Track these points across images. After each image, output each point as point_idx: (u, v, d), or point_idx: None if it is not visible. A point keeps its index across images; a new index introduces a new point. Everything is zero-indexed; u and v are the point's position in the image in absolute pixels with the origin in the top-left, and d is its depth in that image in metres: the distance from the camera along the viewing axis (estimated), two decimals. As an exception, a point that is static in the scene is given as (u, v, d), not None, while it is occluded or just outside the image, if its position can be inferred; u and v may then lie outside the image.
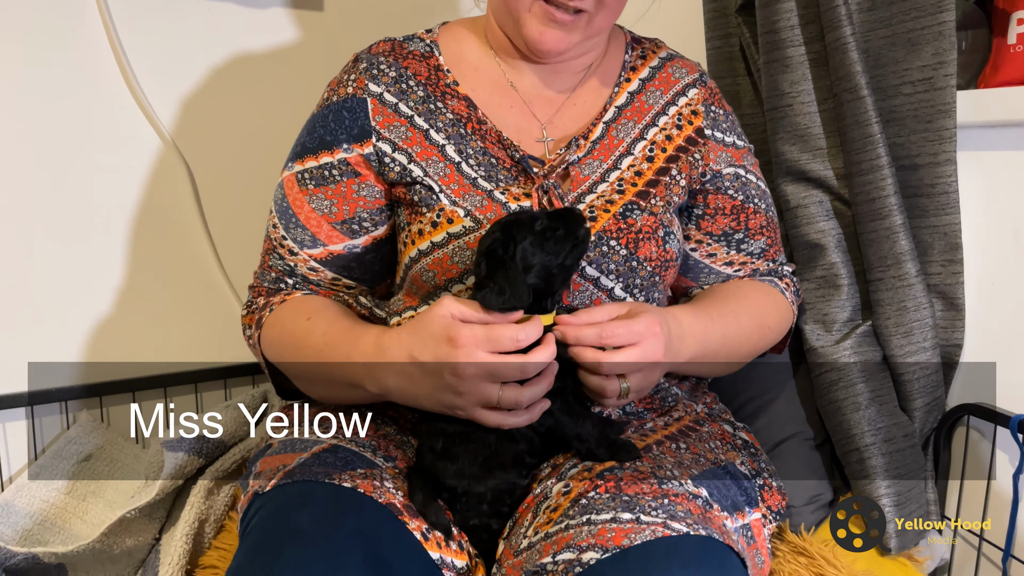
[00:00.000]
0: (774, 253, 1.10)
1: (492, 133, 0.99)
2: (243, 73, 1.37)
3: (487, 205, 0.96)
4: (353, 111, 0.99)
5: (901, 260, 1.12)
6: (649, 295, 0.99)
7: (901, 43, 1.11)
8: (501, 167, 0.98)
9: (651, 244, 0.97)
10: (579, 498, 0.80)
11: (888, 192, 1.11)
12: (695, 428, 0.99)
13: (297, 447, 0.89)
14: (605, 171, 1.00)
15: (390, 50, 1.03)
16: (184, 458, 1.11)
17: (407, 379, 0.84)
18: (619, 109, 1.04)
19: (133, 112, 1.30)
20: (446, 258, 0.94)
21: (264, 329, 1.01)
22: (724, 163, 1.06)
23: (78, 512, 1.24)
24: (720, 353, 0.99)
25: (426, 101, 1.00)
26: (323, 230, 1.01)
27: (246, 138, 1.38)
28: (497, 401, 0.81)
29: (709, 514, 0.81)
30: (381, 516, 0.78)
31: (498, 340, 0.80)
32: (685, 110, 1.05)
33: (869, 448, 1.11)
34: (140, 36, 1.29)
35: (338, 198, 1.00)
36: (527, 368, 0.81)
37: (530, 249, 0.83)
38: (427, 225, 0.96)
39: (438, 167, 0.98)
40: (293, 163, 1.03)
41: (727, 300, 1.03)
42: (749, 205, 1.07)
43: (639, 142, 1.03)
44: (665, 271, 1.00)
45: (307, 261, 1.03)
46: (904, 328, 1.13)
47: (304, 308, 0.99)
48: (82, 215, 1.28)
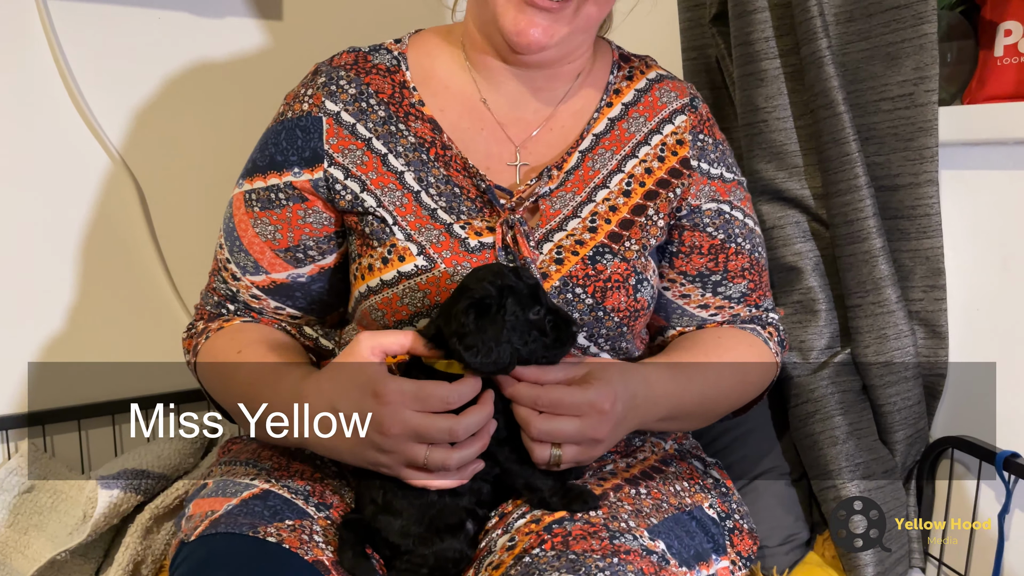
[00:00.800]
0: (757, 298, 1.01)
1: (457, 160, 0.92)
2: (196, 86, 1.31)
3: (444, 241, 0.89)
4: (307, 131, 0.93)
5: (881, 285, 1.06)
6: (615, 344, 0.93)
7: (880, 57, 1.05)
8: (465, 197, 0.91)
9: (620, 294, 0.90)
10: (523, 555, 0.74)
11: (867, 214, 1.05)
12: (661, 468, 0.93)
13: (228, 490, 0.84)
14: (578, 205, 0.92)
15: (352, 63, 0.96)
16: (119, 496, 1.05)
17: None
18: (597, 137, 0.96)
19: (78, 127, 1.24)
20: (395, 299, 0.88)
21: (199, 357, 0.96)
22: (705, 198, 0.97)
23: (19, 546, 1.18)
24: (695, 413, 0.93)
25: (387, 122, 0.93)
26: (266, 257, 0.95)
27: (199, 154, 1.32)
28: (424, 462, 0.76)
29: (664, 572, 0.75)
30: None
31: (426, 401, 0.75)
32: (670, 139, 0.96)
33: (847, 485, 1.05)
34: (85, 47, 1.23)
35: (283, 224, 0.94)
36: (456, 432, 0.75)
37: (516, 324, 0.77)
38: (377, 261, 0.90)
39: (394, 196, 0.91)
40: (243, 181, 0.96)
41: (707, 354, 0.94)
42: (730, 245, 0.98)
43: (616, 175, 0.94)
44: (634, 321, 0.93)
45: (249, 288, 0.97)
46: (884, 357, 1.08)
47: (237, 340, 0.93)
48: (25, 236, 1.23)
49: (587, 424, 0.78)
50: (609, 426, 0.79)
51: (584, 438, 0.78)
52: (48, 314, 1.26)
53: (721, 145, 1.00)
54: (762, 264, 1.01)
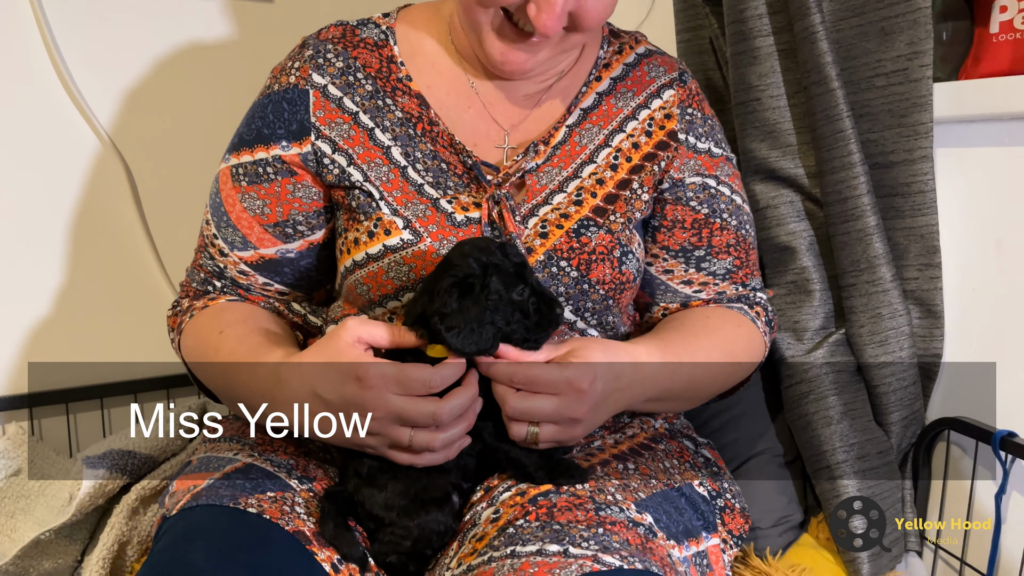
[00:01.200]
0: (744, 276, 0.99)
1: (444, 136, 0.91)
2: (186, 66, 1.30)
3: (430, 215, 0.88)
4: (293, 103, 0.92)
5: (875, 264, 1.05)
6: (602, 318, 0.92)
7: (874, 33, 1.04)
8: (452, 173, 0.90)
9: (605, 266, 0.89)
10: (507, 526, 0.73)
11: (861, 191, 1.04)
12: (650, 446, 0.92)
13: (211, 466, 0.83)
14: (564, 180, 0.91)
15: (340, 36, 0.94)
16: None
17: (309, 416, 0.77)
18: (584, 112, 0.95)
19: (67, 108, 1.23)
20: (381, 272, 0.87)
21: (183, 336, 0.94)
22: (689, 171, 0.95)
23: (5, 530, 1.16)
24: (683, 395, 0.91)
25: (374, 96, 0.92)
26: (254, 232, 0.94)
27: (189, 135, 1.32)
28: (409, 444, 0.75)
29: (651, 543, 0.74)
30: (285, 547, 0.71)
31: (409, 383, 0.74)
32: (658, 114, 0.95)
33: (841, 466, 1.04)
34: (74, 26, 1.22)
35: (271, 198, 0.93)
36: (440, 415, 0.74)
37: (499, 304, 0.76)
38: (363, 235, 0.89)
39: (381, 171, 0.90)
40: (230, 155, 0.95)
41: (696, 335, 0.92)
42: (715, 220, 0.96)
43: (603, 149, 0.93)
44: (620, 293, 0.91)
45: (237, 264, 0.96)
46: (879, 337, 1.06)
47: (219, 320, 0.92)
48: (12, 217, 1.22)
49: (564, 403, 0.76)
50: (587, 406, 0.77)
51: (561, 417, 0.76)
52: (36, 297, 1.25)
53: (710, 120, 0.99)
54: (749, 242, 1.00)
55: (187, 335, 0.93)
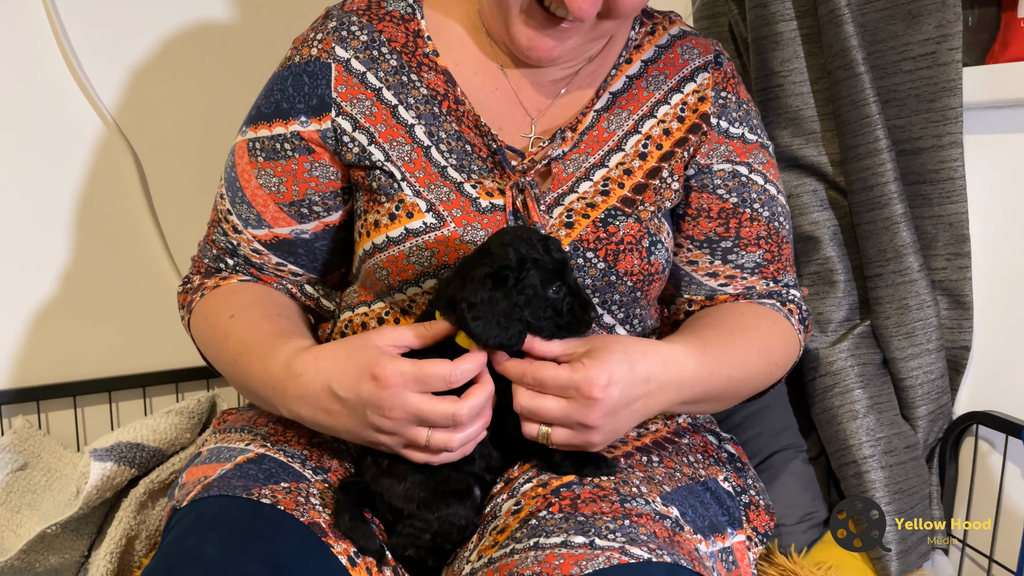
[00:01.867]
0: (775, 272, 0.93)
1: (470, 116, 0.88)
2: (192, 51, 1.28)
3: (454, 199, 0.85)
4: (315, 77, 0.88)
5: (902, 253, 1.02)
6: (629, 311, 0.89)
7: (901, 15, 1.02)
8: (476, 156, 0.87)
9: (633, 256, 0.85)
10: (529, 518, 0.71)
11: (888, 179, 1.01)
12: (673, 440, 0.89)
13: (223, 456, 0.81)
14: (591, 167, 0.88)
15: (365, 8, 0.91)
16: (112, 468, 1.02)
17: (323, 412, 0.75)
18: (614, 96, 0.91)
19: (73, 93, 1.21)
20: (402, 256, 0.84)
21: (193, 316, 0.92)
22: (719, 158, 0.91)
23: (11, 525, 1.14)
24: (721, 396, 0.85)
25: (398, 72, 0.89)
26: (269, 210, 0.91)
27: (197, 121, 1.29)
28: (426, 444, 0.72)
29: (678, 537, 0.71)
30: (300, 538, 0.69)
31: (428, 381, 0.71)
32: (691, 98, 0.91)
33: (868, 460, 1.01)
34: (81, 11, 1.20)
35: (288, 176, 0.90)
36: (459, 416, 0.71)
37: (532, 299, 0.73)
38: (384, 217, 0.86)
39: (403, 150, 0.87)
40: (247, 128, 0.92)
41: (733, 333, 0.86)
42: (744, 210, 0.91)
43: (632, 136, 0.90)
44: (648, 285, 0.88)
45: (251, 242, 0.93)
46: (906, 328, 1.04)
47: (230, 303, 0.89)
48: (18, 205, 1.20)
49: (573, 408, 0.72)
50: (599, 412, 0.72)
51: (571, 421, 0.73)
52: (41, 288, 1.23)
53: (745, 104, 0.95)
54: (782, 236, 0.94)
55: (197, 315, 0.91)
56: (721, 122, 0.92)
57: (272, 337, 0.83)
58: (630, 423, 0.76)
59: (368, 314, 0.90)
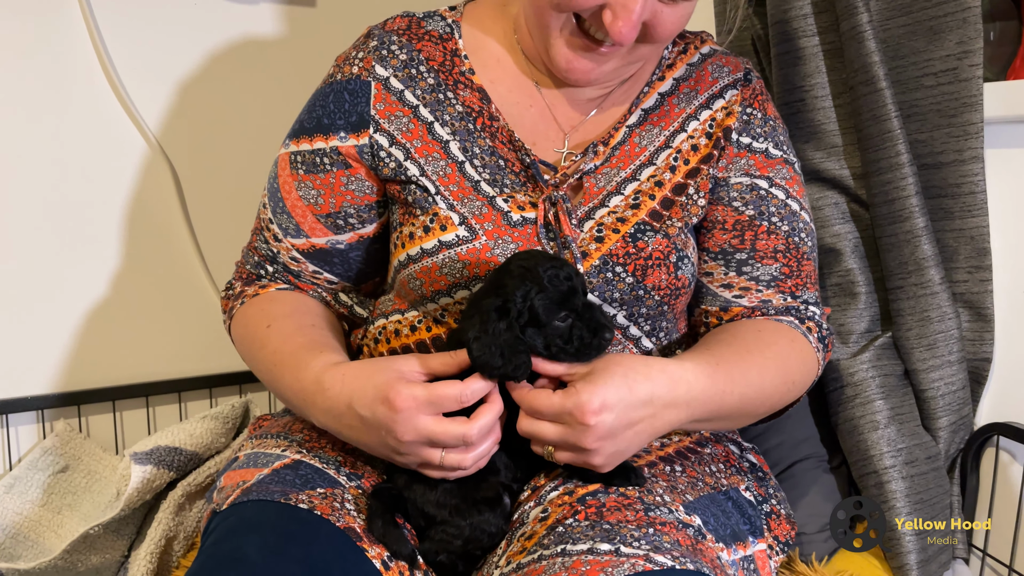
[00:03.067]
0: (793, 287, 0.92)
1: (504, 132, 0.91)
2: (231, 71, 1.32)
3: (486, 213, 0.88)
4: (355, 94, 0.92)
5: (924, 266, 1.03)
6: (656, 324, 0.90)
7: (922, 31, 1.03)
8: (509, 170, 0.90)
9: (661, 272, 0.87)
10: (556, 525, 0.73)
11: (909, 192, 1.03)
12: (696, 450, 0.91)
13: (260, 461, 0.84)
14: (622, 181, 0.90)
15: (405, 28, 0.94)
16: (152, 471, 1.06)
17: (346, 428, 0.79)
18: (645, 112, 0.93)
19: (116, 112, 1.26)
20: (435, 268, 0.87)
21: (233, 322, 0.98)
22: (737, 171, 0.92)
23: (52, 526, 1.19)
24: (733, 415, 0.86)
25: (435, 90, 0.92)
26: (307, 221, 0.95)
27: (234, 139, 1.33)
28: (440, 464, 0.75)
29: (701, 545, 0.73)
30: (336, 543, 0.72)
31: (440, 402, 0.74)
32: (720, 114, 0.92)
33: (888, 471, 1.02)
34: (123, 33, 1.24)
35: (325, 189, 0.93)
36: (469, 436, 0.74)
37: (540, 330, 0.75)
38: (419, 229, 0.89)
39: (438, 165, 0.90)
40: (290, 141, 0.96)
41: (750, 351, 0.86)
42: (761, 223, 0.91)
43: (663, 151, 0.91)
44: (675, 299, 0.90)
45: (289, 250, 0.97)
46: (927, 340, 1.05)
47: (268, 312, 0.93)
48: (62, 219, 1.24)
49: (568, 433, 0.74)
50: (592, 437, 0.73)
51: (567, 445, 0.75)
52: (83, 298, 1.27)
53: (772, 121, 0.95)
54: (803, 251, 0.93)
55: (237, 322, 0.96)
56: (742, 137, 0.93)
57: (303, 351, 0.86)
58: (636, 443, 0.77)
59: (401, 321, 0.93)
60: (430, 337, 0.90)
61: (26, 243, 1.22)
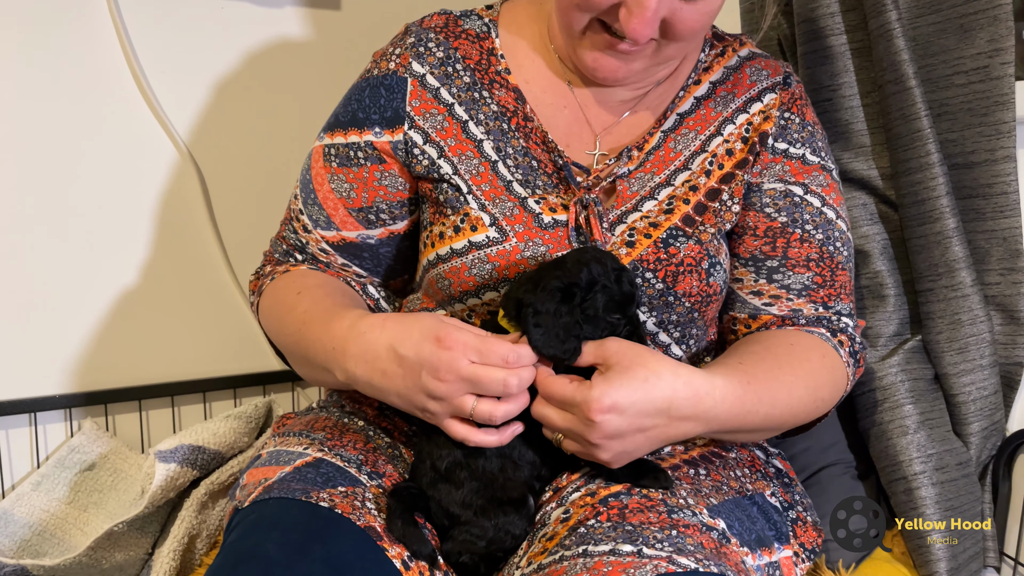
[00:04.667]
0: (825, 297, 0.90)
1: (538, 132, 0.90)
2: (258, 75, 1.33)
3: (517, 215, 0.87)
4: (391, 90, 0.92)
5: (954, 268, 1.01)
6: (685, 331, 0.89)
7: (953, 29, 1.01)
8: (542, 172, 0.89)
9: (692, 278, 0.86)
10: (578, 526, 0.72)
11: (939, 192, 1.01)
12: (720, 454, 0.89)
13: (282, 459, 0.84)
14: (656, 187, 0.89)
15: (443, 25, 0.94)
16: (176, 469, 1.06)
17: (379, 372, 0.77)
18: (681, 117, 0.92)
19: (144, 115, 1.27)
20: (464, 268, 0.87)
21: (262, 298, 0.97)
22: (771, 177, 0.90)
23: (78, 523, 1.20)
24: (756, 430, 0.84)
25: (471, 89, 0.92)
26: (339, 214, 0.95)
27: (260, 143, 1.34)
28: (471, 413, 0.74)
29: (725, 548, 0.72)
30: (356, 541, 0.72)
31: (487, 354, 0.73)
32: (757, 118, 0.91)
33: (918, 477, 1.00)
34: (151, 36, 1.26)
35: (359, 183, 0.94)
36: (509, 383, 0.73)
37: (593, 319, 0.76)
38: (449, 229, 0.89)
39: (471, 164, 0.90)
40: (324, 134, 0.97)
41: (781, 366, 0.84)
42: (794, 230, 0.90)
43: (699, 155, 0.90)
44: (706, 306, 0.89)
45: (319, 242, 0.97)
46: (958, 344, 1.03)
47: (297, 282, 0.94)
48: (90, 220, 1.25)
49: (574, 423, 0.74)
50: (598, 434, 0.72)
51: (574, 435, 0.75)
52: (110, 298, 1.29)
53: (810, 126, 0.93)
54: (837, 261, 0.91)
55: (266, 296, 0.96)
56: (778, 142, 0.91)
57: (337, 307, 0.86)
58: (646, 447, 0.76)
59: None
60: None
61: (54, 244, 1.24)
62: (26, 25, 1.19)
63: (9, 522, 1.15)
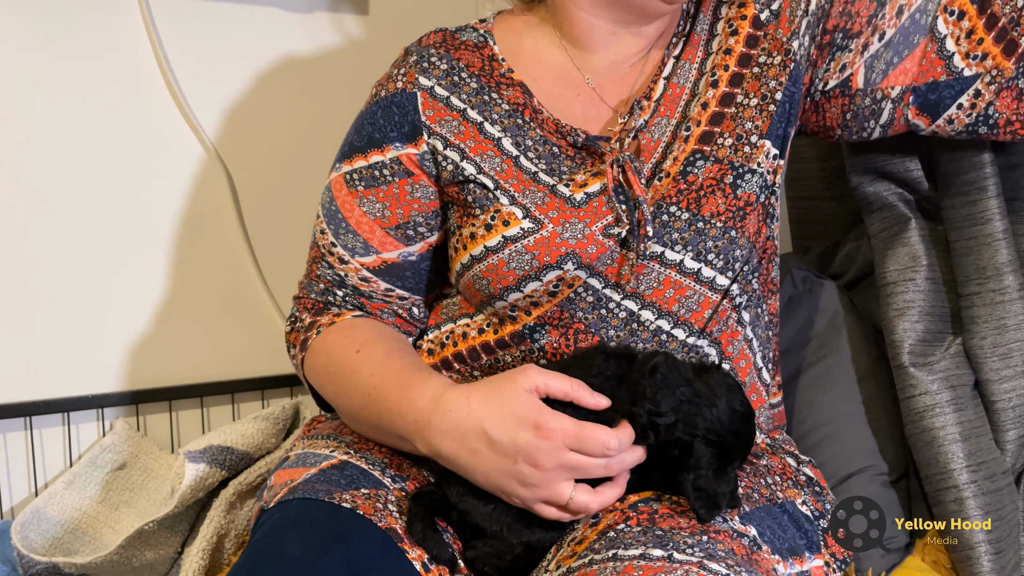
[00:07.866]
0: None
1: (549, 122, 0.90)
2: (286, 79, 1.34)
3: (549, 202, 0.86)
4: (403, 106, 0.92)
5: (1002, 272, 0.98)
6: (728, 256, 0.85)
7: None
8: (564, 156, 0.89)
9: (716, 197, 0.85)
10: (607, 530, 0.71)
11: (990, 194, 0.97)
12: (751, 461, 0.88)
13: (308, 461, 0.84)
14: (675, 127, 0.89)
15: (441, 41, 0.96)
16: (205, 470, 1.07)
17: (467, 451, 0.74)
18: (676, 59, 0.93)
19: (175, 118, 1.28)
20: (501, 264, 0.86)
21: (309, 353, 0.92)
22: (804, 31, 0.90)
23: (109, 522, 1.21)
24: None
25: (480, 92, 0.92)
26: (376, 236, 0.93)
27: (289, 146, 1.35)
28: (567, 504, 0.73)
29: (756, 556, 0.70)
30: (377, 542, 0.71)
31: (587, 443, 0.71)
32: (732, 11, 0.92)
33: (969, 486, 0.96)
34: (182, 41, 1.27)
35: (391, 200, 0.93)
36: (611, 467, 0.72)
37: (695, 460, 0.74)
38: (480, 228, 0.88)
39: (494, 162, 0.89)
40: (341, 163, 0.96)
41: None
42: None
43: (700, 80, 0.91)
44: (742, 221, 0.85)
45: (358, 270, 0.95)
46: (1002, 349, 0.99)
47: (354, 338, 0.90)
48: (121, 222, 1.27)
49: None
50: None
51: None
52: (140, 300, 1.30)
53: None
54: None
55: (315, 352, 0.92)
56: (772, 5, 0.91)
57: (409, 372, 0.83)
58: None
59: (470, 325, 0.92)
60: (495, 339, 0.89)
61: (86, 247, 1.25)
62: (58, 28, 1.21)
63: (42, 520, 1.16)
